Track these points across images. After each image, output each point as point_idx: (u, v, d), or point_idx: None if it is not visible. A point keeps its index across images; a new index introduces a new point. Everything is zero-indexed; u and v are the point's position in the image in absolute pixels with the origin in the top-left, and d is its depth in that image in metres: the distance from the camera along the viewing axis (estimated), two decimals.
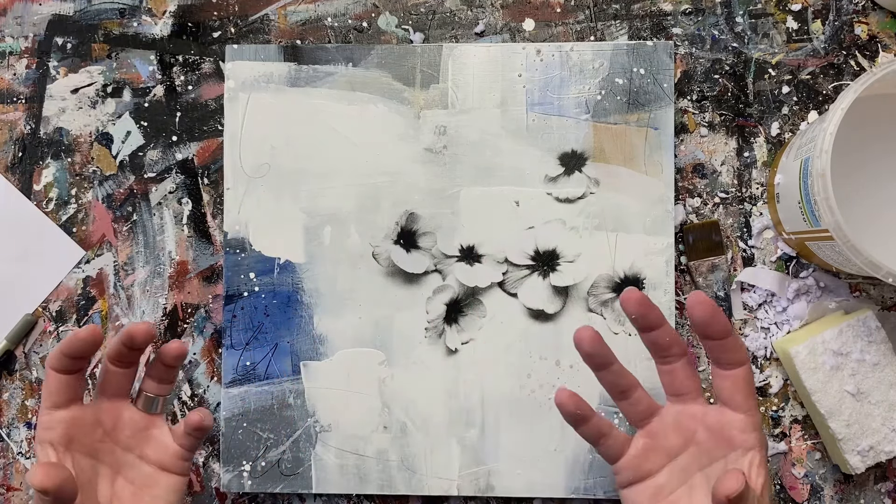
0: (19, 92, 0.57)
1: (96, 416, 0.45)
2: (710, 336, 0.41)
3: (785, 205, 0.50)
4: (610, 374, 0.44)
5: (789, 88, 0.54)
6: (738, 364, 0.42)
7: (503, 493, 0.53)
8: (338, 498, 0.55)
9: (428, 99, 0.54)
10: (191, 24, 0.57)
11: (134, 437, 0.46)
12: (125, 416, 0.46)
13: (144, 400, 0.47)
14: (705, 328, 0.41)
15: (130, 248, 0.56)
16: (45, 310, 0.56)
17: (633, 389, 0.44)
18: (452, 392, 0.53)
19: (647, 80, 0.53)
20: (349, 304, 0.54)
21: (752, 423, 0.42)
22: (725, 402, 0.42)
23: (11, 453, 0.56)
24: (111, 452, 0.46)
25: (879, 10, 0.54)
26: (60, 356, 0.43)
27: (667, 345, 0.43)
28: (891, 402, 0.50)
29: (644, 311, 0.42)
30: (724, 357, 0.42)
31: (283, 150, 0.54)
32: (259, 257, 0.54)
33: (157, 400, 0.47)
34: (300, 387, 0.54)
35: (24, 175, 0.57)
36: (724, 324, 0.41)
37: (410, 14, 0.56)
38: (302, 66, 0.55)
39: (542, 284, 0.53)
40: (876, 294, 0.53)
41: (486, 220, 0.54)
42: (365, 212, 0.54)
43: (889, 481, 0.53)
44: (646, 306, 0.42)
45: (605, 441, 0.44)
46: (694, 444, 0.43)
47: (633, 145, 0.53)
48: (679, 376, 0.43)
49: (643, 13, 0.55)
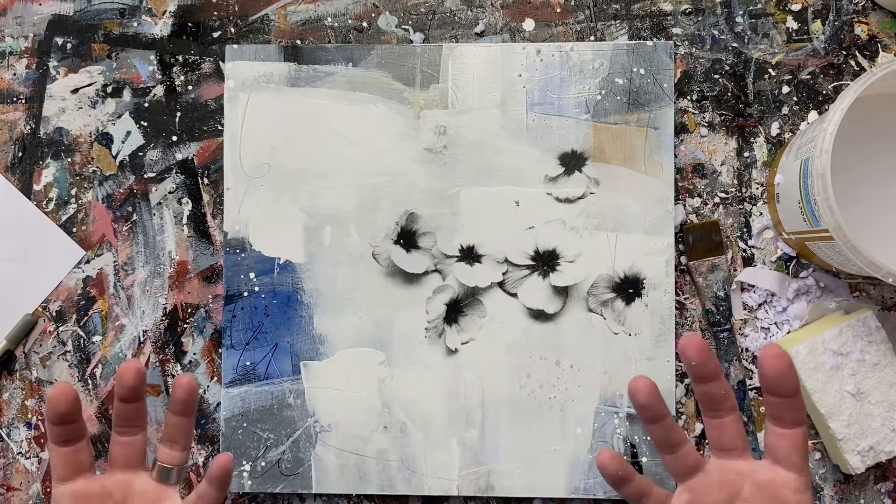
0: (19, 92, 0.57)
1: (106, 487, 0.44)
2: (780, 393, 0.40)
3: (785, 205, 0.50)
4: (661, 429, 0.43)
5: (789, 88, 0.54)
6: (799, 424, 0.41)
7: (503, 493, 0.53)
8: (338, 498, 0.55)
9: (428, 99, 0.54)
10: (191, 24, 0.57)
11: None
12: (136, 487, 0.45)
13: (160, 470, 0.45)
14: (777, 384, 0.40)
15: (130, 248, 0.56)
16: (45, 310, 0.56)
17: (681, 445, 0.43)
18: (452, 392, 0.53)
19: (647, 80, 0.53)
20: (349, 304, 0.54)
21: (805, 483, 0.41)
22: (780, 460, 0.41)
23: (11, 453, 0.56)
24: None
25: (879, 10, 0.54)
26: (49, 427, 0.43)
27: (721, 398, 0.42)
28: (891, 402, 0.50)
29: (705, 360, 0.41)
30: (786, 416, 0.41)
31: (283, 150, 0.54)
32: (259, 257, 0.54)
33: (173, 470, 0.46)
34: (300, 387, 0.54)
35: (24, 175, 0.57)
36: (796, 381, 0.40)
37: (410, 14, 0.56)
38: (302, 66, 0.55)
39: (542, 284, 0.53)
40: (876, 294, 0.53)
41: (486, 220, 0.54)
42: (365, 212, 0.54)
43: (889, 481, 0.53)
44: (707, 354, 0.41)
45: (647, 501, 0.44)
46: (740, 501, 0.42)
47: (633, 145, 0.53)
48: (728, 431, 0.42)
49: (643, 13, 0.55)
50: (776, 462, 0.42)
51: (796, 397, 0.40)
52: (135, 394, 0.44)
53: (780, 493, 0.41)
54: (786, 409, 0.41)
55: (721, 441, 0.43)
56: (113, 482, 0.45)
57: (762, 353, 0.40)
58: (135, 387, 0.43)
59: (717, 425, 0.43)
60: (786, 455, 0.41)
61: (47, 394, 0.43)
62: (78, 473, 0.44)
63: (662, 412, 0.43)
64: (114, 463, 0.45)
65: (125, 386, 0.43)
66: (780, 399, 0.40)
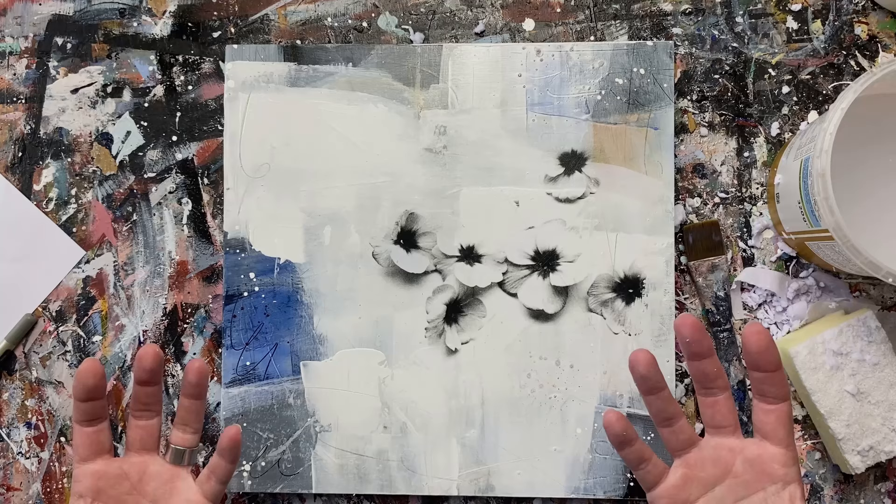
0: (19, 92, 0.57)
1: (123, 469, 0.47)
2: (762, 367, 0.43)
3: (785, 205, 0.50)
4: (659, 400, 0.45)
5: (789, 88, 0.54)
6: (783, 399, 0.43)
7: (503, 493, 0.53)
8: (338, 498, 0.55)
9: (428, 99, 0.54)
10: (191, 24, 0.57)
11: (160, 490, 0.48)
12: (151, 469, 0.48)
13: (173, 452, 0.48)
14: (759, 359, 0.43)
15: (130, 248, 0.56)
16: (45, 310, 0.56)
17: (677, 418, 0.45)
18: (452, 392, 0.53)
19: (647, 80, 0.53)
20: (349, 304, 0.54)
21: (793, 458, 0.44)
22: (767, 436, 0.44)
23: (11, 453, 0.56)
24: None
25: (879, 10, 0.54)
26: (77, 405, 0.46)
27: (713, 376, 0.44)
28: (891, 402, 0.50)
29: (699, 337, 0.43)
30: (770, 390, 0.43)
31: (283, 150, 0.54)
32: (259, 257, 0.54)
33: (185, 452, 0.48)
34: (300, 387, 0.54)
35: (24, 175, 0.57)
36: (777, 356, 0.43)
37: (410, 14, 0.56)
38: (302, 66, 0.55)
39: (542, 284, 0.53)
40: (876, 294, 0.53)
41: (486, 220, 0.54)
42: (365, 212, 0.54)
43: (889, 481, 0.53)
44: (701, 332, 0.43)
45: (645, 466, 0.46)
46: (732, 477, 0.44)
47: (633, 145, 0.53)
48: (721, 409, 0.44)
49: (643, 13, 0.55)
50: (764, 438, 0.44)
51: (778, 372, 0.43)
52: (153, 377, 0.47)
53: (769, 467, 0.43)
54: (769, 383, 0.43)
55: (714, 419, 0.45)
56: (129, 464, 0.48)
57: (744, 330, 0.43)
58: (153, 369, 0.46)
59: (710, 403, 0.45)
60: (772, 430, 0.43)
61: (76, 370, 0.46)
62: (99, 454, 0.47)
63: (660, 384, 0.45)
64: (130, 446, 0.48)
65: (145, 368, 0.46)
66: (763, 374, 0.43)
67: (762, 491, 0.43)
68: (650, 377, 0.44)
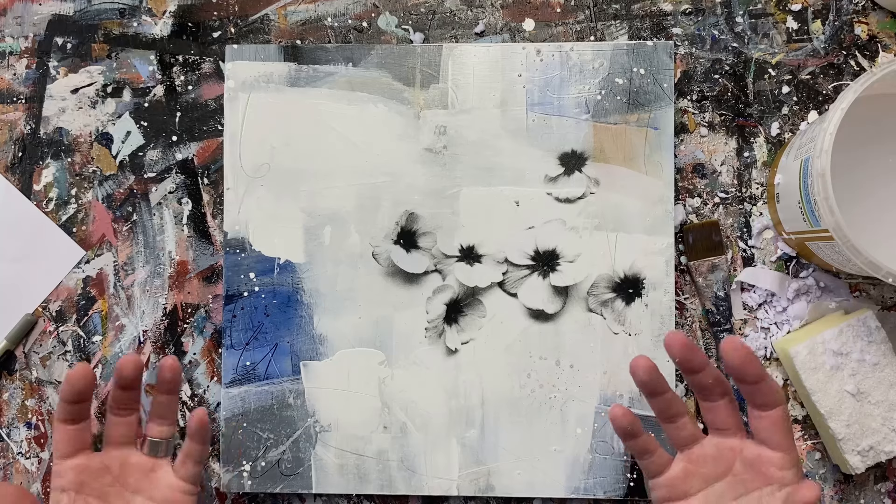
0: (19, 92, 0.57)
1: (104, 462, 0.49)
2: (744, 380, 0.43)
3: (785, 205, 0.50)
4: (662, 401, 0.46)
5: (789, 88, 0.54)
6: (774, 405, 0.44)
7: (503, 493, 0.53)
8: (338, 498, 0.55)
9: (428, 99, 0.54)
10: (191, 24, 0.57)
11: (141, 481, 0.49)
12: (132, 461, 0.50)
13: (150, 445, 0.50)
14: (739, 372, 0.43)
15: (130, 248, 0.56)
16: (45, 310, 0.56)
17: (680, 416, 0.46)
18: (452, 392, 0.53)
19: (647, 80, 0.53)
20: (349, 303, 0.54)
21: (790, 461, 0.44)
22: (763, 440, 0.44)
23: (11, 453, 0.56)
24: (120, 496, 0.49)
25: (879, 10, 0.54)
26: (63, 405, 0.48)
27: (710, 386, 0.45)
28: (891, 402, 0.50)
29: (688, 355, 0.44)
30: (759, 399, 0.44)
31: (283, 150, 0.54)
32: (259, 257, 0.54)
33: (161, 443, 0.51)
34: (300, 387, 0.54)
35: (24, 175, 0.57)
36: (758, 368, 0.43)
37: (410, 14, 0.56)
38: (302, 66, 0.55)
39: (541, 284, 0.53)
40: (876, 294, 0.53)
41: (486, 220, 0.54)
42: (365, 212, 0.54)
43: (889, 481, 0.53)
44: (690, 349, 0.44)
45: (650, 458, 0.46)
46: (731, 475, 0.45)
47: (633, 145, 0.53)
48: (721, 414, 0.45)
49: (643, 13, 0.55)
50: (761, 442, 0.44)
51: (763, 382, 0.43)
52: (133, 383, 0.49)
53: (766, 469, 0.44)
54: (757, 393, 0.43)
55: (715, 423, 0.46)
56: (110, 458, 0.49)
57: (722, 346, 0.43)
58: (133, 377, 0.49)
59: (710, 408, 0.45)
60: (768, 435, 0.44)
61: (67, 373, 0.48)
62: (80, 450, 0.49)
63: (662, 387, 0.45)
64: (110, 441, 0.50)
65: (125, 377, 0.48)
66: (750, 385, 0.43)
67: (758, 491, 0.44)
68: (651, 382, 0.45)
